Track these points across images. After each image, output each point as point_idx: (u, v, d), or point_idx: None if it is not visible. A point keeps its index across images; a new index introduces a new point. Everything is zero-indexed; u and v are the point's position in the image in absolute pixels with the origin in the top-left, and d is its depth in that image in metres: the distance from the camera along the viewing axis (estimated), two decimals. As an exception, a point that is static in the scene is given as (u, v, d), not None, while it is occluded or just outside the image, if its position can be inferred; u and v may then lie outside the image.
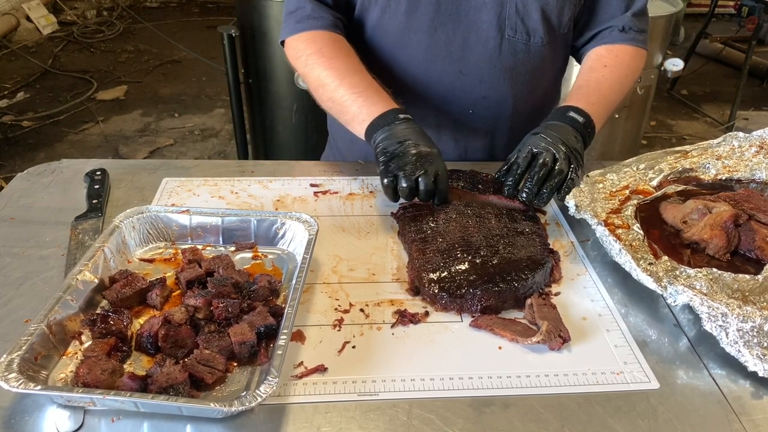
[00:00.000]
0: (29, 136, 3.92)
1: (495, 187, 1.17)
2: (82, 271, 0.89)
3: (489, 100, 1.31)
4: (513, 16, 1.22)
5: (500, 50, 1.25)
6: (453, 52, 1.25)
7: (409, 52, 1.27)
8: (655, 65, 2.77)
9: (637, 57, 1.33)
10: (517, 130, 1.35)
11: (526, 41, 1.25)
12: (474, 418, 0.76)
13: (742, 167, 1.22)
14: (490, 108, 1.32)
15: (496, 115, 1.34)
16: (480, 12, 1.22)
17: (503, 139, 1.39)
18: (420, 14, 1.23)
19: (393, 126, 1.10)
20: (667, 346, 0.88)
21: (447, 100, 1.31)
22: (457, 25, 1.23)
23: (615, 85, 1.28)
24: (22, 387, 0.70)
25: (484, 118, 1.34)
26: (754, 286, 0.89)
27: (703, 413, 0.78)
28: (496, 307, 0.92)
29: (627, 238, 1.00)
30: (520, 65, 1.28)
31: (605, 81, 1.27)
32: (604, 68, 1.29)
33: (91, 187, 1.19)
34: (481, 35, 1.24)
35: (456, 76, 1.28)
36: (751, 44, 4.06)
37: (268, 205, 1.18)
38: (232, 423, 0.74)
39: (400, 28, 1.25)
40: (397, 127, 1.09)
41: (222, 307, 0.85)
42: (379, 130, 1.10)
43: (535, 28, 1.24)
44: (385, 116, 1.11)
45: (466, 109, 1.32)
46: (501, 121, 1.35)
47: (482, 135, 1.37)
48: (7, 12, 5.33)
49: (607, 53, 1.31)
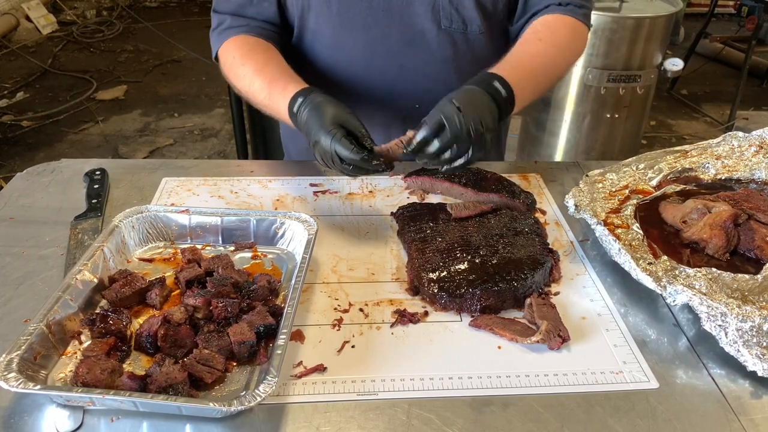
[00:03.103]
0: (29, 135, 3.92)
1: (497, 186, 1.17)
2: (81, 270, 0.89)
3: (434, 93, 1.29)
4: (447, 6, 1.22)
5: (438, 41, 1.25)
6: (391, 48, 1.25)
7: (348, 53, 1.27)
8: (655, 65, 2.77)
9: (577, 32, 1.28)
10: None
11: (463, 30, 1.25)
12: (473, 417, 0.76)
13: (741, 167, 1.22)
14: (437, 100, 1.32)
15: None
16: (413, 5, 1.22)
17: None
18: (353, 14, 1.23)
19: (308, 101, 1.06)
20: (667, 345, 0.88)
21: (392, 97, 1.31)
22: (391, 20, 1.23)
23: (548, 65, 1.22)
24: (21, 386, 0.70)
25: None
26: (754, 286, 0.89)
27: (702, 413, 0.78)
28: (495, 307, 0.92)
29: (626, 237, 1.00)
30: (461, 55, 1.28)
31: (538, 58, 1.21)
32: (538, 42, 1.23)
33: (91, 186, 1.19)
34: (416, 28, 1.24)
35: (398, 71, 1.27)
36: (751, 44, 4.06)
37: (268, 205, 1.18)
38: (232, 423, 0.74)
39: (336, 30, 1.25)
40: (314, 101, 1.06)
41: (221, 307, 0.85)
42: (299, 111, 1.07)
43: (470, 16, 1.23)
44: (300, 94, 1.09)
45: (412, 104, 1.31)
46: None
47: None
48: (6, 12, 5.33)
49: (543, 27, 1.26)
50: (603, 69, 2.68)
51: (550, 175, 1.32)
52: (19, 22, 5.43)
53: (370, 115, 1.31)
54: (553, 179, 1.30)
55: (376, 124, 1.31)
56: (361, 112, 1.25)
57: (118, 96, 4.51)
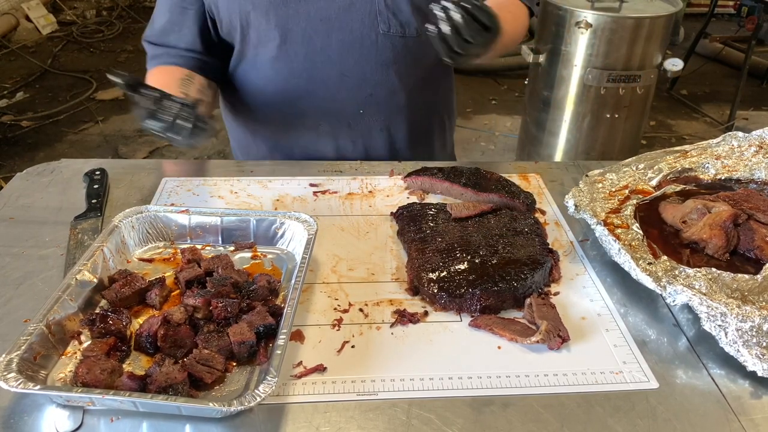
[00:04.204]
0: (28, 135, 3.92)
1: (497, 186, 1.17)
2: (81, 270, 0.89)
3: (377, 97, 1.32)
4: (384, 11, 1.23)
5: (377, 47, 1.26)
6: (331, 56, 1.26)
7: (290, 65, 1.28)
8: (654, 65, 2.77)
9: (521, 11, 1.30)
10: (415, 122, 1.39)
11: (401, 34, 1.26)
12: (473, 417, 0.76)
13: (741, 167, 1.22)
14: (381, 105, 1.34)
15: (388, 110, 1.35)
16: (350, 12, 1.23)
17: (401, 133, 1.40)
18: (291, 25, 1.24)
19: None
20: (666, 345, 0.88)
21: (336, 105, 1.32)
22: (330, 28, 1.24)
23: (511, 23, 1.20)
24: (21, 387, 0.70)
25: (376, 116, 1.35)
26: (753, 286, 0.89)
27: (702, 413, 0.78)
28: (495, 307, 0.92)
29: (626, 237, 1.00)
30: (400, 58, 1.29)
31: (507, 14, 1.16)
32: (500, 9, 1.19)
33: (91, 186, 1.19)
34: (355, 34, 1.25)
35: (339, 79, 1.29)
36: (751, 44, 4.06)
37: (268, 205, 1.18)
38: (232, 423, 0.74)
39: (276, 43, 1.25)
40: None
41: (221, 307, 0.85)
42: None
43: (407, 20, 1.25)
44: None
45: (356, 110, 1.33)
46: (394, 116, 1.37)
47: (378, 132, 1.38)
48: (6, 12, 5.33)
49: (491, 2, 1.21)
50: (603, 69, 2.68)
51: (550, 175, 1.32)
52: (19, 22, 5.43)
53: (315, 124, 1.35)
54: (553, 179, 1.30)
55: (322, 133, 1.35)
56: (307, 121, 1.28)
57: (118, 96, 4.51)
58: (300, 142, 1.38)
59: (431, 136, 1.49)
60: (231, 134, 1.52)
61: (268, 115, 1.38)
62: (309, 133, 1.36)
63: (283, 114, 1.36)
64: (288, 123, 1.37)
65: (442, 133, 1.53)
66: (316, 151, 1.38)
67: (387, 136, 1.39)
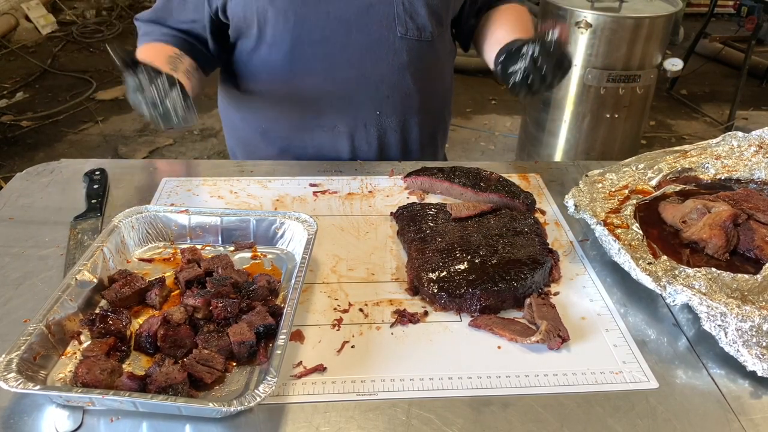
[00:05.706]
0: (28, 135, 3.92)
1: (497, 186, 1.17)
2: (81, 270, 0.89)
3: (393, 99, 1.34)
4: (402, 14, 1.24)
5: (395, 49, 1.28)
6: (350, 57, 1.27)
7: (308, 64, 1.28)
8: (654, 65, 2.77)
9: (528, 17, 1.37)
10: (425, 123, 1.41)
11: (417, 37, 1.28)
12: (473, 417, 0.76)
13: (741, 167, 1.22)
14: (396, 106, 1.36)
15: (403, 112, 1.37)
16: (369, 14, 1.23)
17: (414, 134, 1.42)
18: (311, 26, 1.24)
19: None
20: (666, 345, 0.88)
21: (353, 106, 1.33)
22: (349, 30, 1.24)
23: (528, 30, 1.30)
24: (21, 387, 0.70)
25: (392, 117, 1.36)
26: (753, 286, 0.89)
27: (702, 413, 0.78)
28: (495, 307, 0.92)
29: (626, 237, 1.00)
30: (415, 61, 1.31)
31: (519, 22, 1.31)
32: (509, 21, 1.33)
33: (90, 186, 1.19)
34: (373, 36, 1.26)
35: (357, 80, 1.30)
36: (751, 44, 4.06)
37: (267, 205, 1.18)
38: (231, 423, 0.74)
39: (294, 42, 1.26)
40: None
41: (221, 307, 0.85)
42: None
43: (424, 24, 1.27)
44: None
45: (373, 111, 1.34)
46: (409, 117, 1.38)
47: (393, 132, 1.39)
48: (6, 12, 5.33)
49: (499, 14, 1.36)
50: (603, 69, 2.69)
51: (550, 175, 1.32)
52: (19, 22, 5.43)
53: (331, 125, 1.35)
54: (553, 179, 1.30)
55: (339, 133, 1.35)
56: (324, 121, 1.28)
57: (118, 96, 4.51)
58: (315, 142, 1.38)
59: (436, 136, 1.51)
60: (233, 134, 1.51)
61: (283, 115, 1.37)
62: (325, 133, 1.37)
63: (299, 114, 1.36)
64: (304, 123, 1.37)
65: (444, 132, 1.55)
66: (331, 151, 1.39)
67: (401, 137, 1.40)
